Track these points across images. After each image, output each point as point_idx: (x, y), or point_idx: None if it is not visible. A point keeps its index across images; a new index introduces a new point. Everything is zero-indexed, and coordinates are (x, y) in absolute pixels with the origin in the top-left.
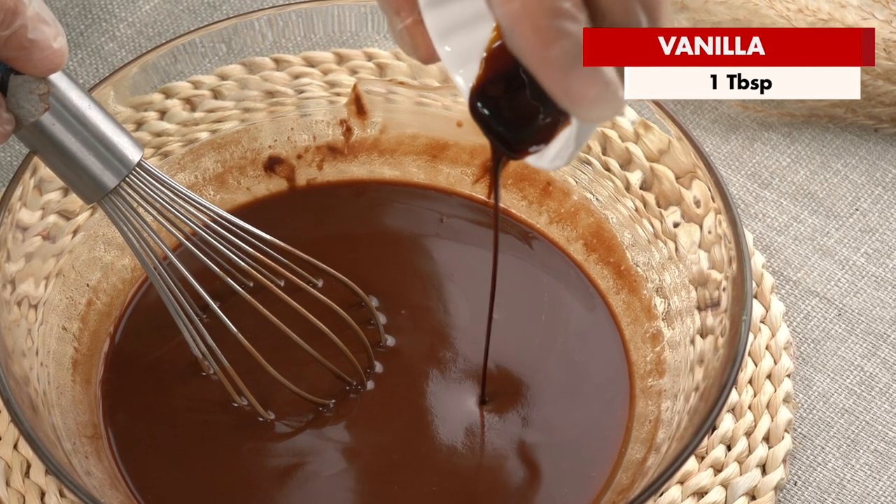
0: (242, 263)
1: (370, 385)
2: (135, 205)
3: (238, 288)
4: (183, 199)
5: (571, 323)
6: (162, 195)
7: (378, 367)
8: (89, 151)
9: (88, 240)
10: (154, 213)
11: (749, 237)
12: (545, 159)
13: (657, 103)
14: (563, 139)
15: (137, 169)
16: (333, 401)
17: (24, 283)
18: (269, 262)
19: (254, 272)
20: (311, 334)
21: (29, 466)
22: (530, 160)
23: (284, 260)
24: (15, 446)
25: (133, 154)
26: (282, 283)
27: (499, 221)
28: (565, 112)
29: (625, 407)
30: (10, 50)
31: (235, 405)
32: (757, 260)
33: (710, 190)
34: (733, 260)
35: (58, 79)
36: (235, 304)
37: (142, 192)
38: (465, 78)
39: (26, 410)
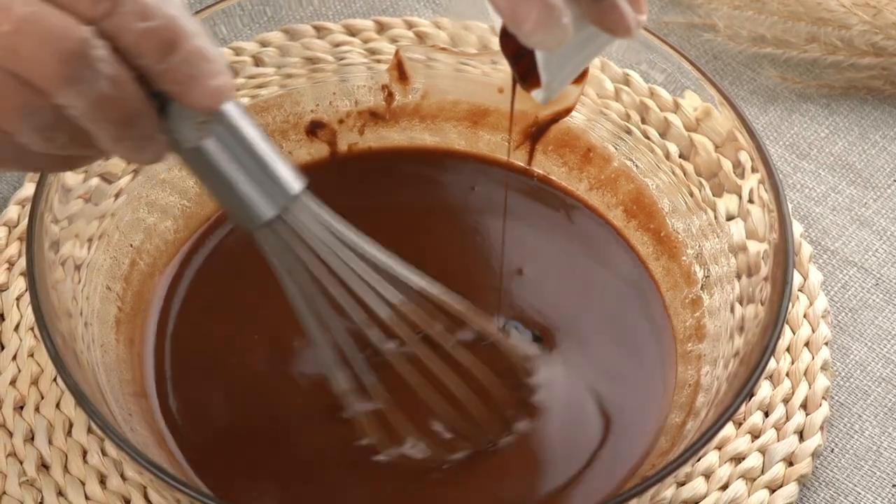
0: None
1: None
2: (290, 239)
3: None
4: (338, 239)
5: (612, 287)
6: (318, 231)
7: None
8: (248, 181)
9: (132, 202)
10: (307, 249)
11: (788, 207)
12: (538, 94)
13: (698, 68)
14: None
15: (298, 202)
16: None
17: (67, 244)
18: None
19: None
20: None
21: (71, 426)
22: (532, 93)
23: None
24: (57, 405)
25: (294, 187)
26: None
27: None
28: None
29: (667, 371)
30: (166, 84)
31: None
32: (795, 229)
33: (751, 156)
34: (775, 225)
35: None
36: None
37: (298, 226)
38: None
39: (73, 367)
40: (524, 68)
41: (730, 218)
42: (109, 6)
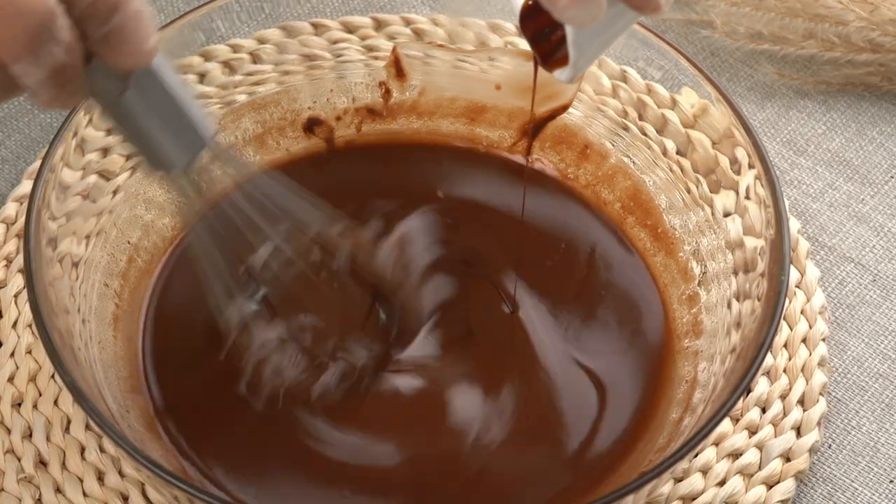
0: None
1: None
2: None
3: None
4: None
5: (608, 283)
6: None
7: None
8: (162, 130)
9: (129, 199)
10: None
11: (785, 203)
12: (563, 73)
13: (695, 65)
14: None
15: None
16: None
17: (65, 241)
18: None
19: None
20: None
21: (69, 422)
22: (556, 73)
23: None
24: (55, 402)
25: (206, 134)
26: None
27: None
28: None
29: (665, 367)
30: (101, 45)
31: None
32: (792, 226)
33: (748, 152)
34: (772, 221)
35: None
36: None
37: (209, 173)
38: None
39: (70, 363)
40: (544, 50)
41: (727, 214)
42: None
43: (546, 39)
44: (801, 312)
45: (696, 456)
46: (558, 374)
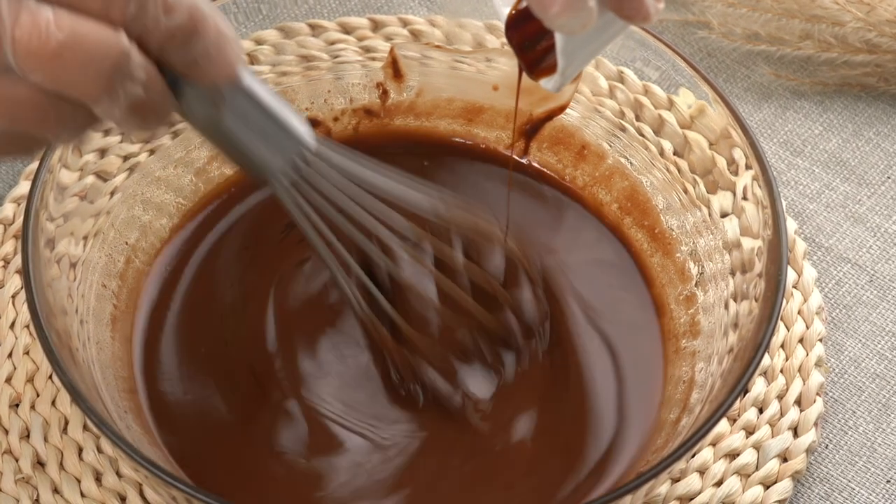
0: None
1: None
2: (304, 188)
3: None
4: (352, 182)
5: (606, 283)
6: (333, 178)
7: None
8: (260, 141)
9: (127, 200)
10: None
11: (782, 203)
12: (550, 81)
13: (692, 65)
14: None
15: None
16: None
17: (62, 242)
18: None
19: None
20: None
21: (67, 423)
22: (542, 82)
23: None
24: (53, 403)
25: (304, 139)
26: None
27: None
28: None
29: (662, 368)
30: (186, 69)
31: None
32: (789, 226)
33: (745, 152)
34: (769, 222)
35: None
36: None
37: (311, 175)
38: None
39: (68, 364)
40: (530, 59)
41: (724, 215)
42: (137, 6)
43: (532, 49)
44: (798, 313)
45: (693, 456)
46: (555, 375)
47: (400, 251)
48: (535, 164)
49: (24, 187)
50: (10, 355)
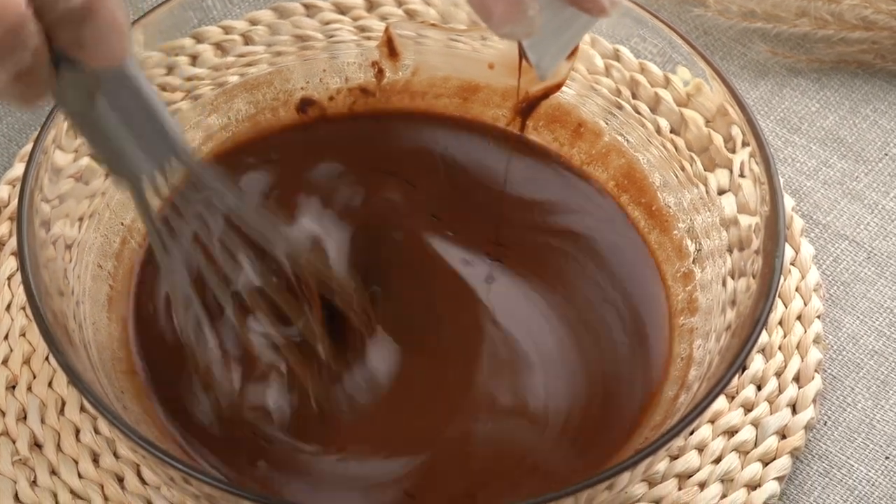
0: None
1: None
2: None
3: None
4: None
5: (604, 259)
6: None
7: None
8: (131, 137)
9: None
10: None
11: (779, 180)
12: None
13: (689, 42)
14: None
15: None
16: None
17: (58, 223)
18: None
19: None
20: None
21: (64, 404)
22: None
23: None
24: (49, 384)
25: (175, 143)
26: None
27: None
28: None
29: (660, 345)
30: (69, 47)
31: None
32: (787, 203)
33: (742, 129)
34: (766, 198)
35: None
36: None
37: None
38: None
39: (64, 345)
40: (519, 48)
41: (721, 192)
42: None
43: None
44: (796, 290)
45: (691, 433)
46: (550, 353)
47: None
48: (533, 140)
49: (18, 169)
50: (6, 337)
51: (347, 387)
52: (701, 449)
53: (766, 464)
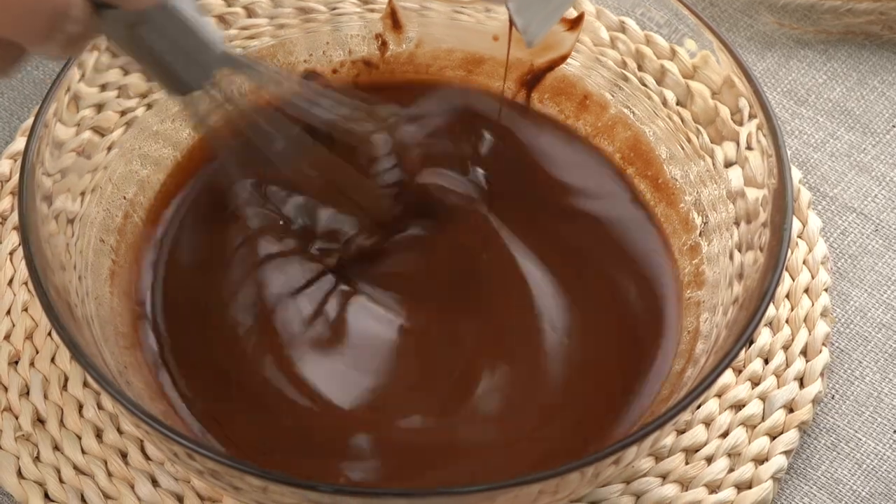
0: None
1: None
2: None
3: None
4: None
5: (610, 231)
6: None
7: None
8: (176, 57)
9: (124, 154)
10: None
11: (787, 152)
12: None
13: (696, 14)
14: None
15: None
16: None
17: (60, 198)
18: None
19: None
20: None
21: (67, 380)
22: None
23: None
24: (52, 360)
25: (217, 49)
26: None
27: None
28: None
29: (667, 318)
30: None
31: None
32: (794, 175)
33: (749, 101)
34: (774, 171)
35: None
36: None
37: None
38: None
39: (67, 319)
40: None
41: (728, 164)
42: None
43: None
44: (804, 263)
45: (698, 408)
46: (557, 325)
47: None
48: (539, 110)
49: (20, 143)
50: (8, 312)
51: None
52: (708, 423)
53: (773, 438)
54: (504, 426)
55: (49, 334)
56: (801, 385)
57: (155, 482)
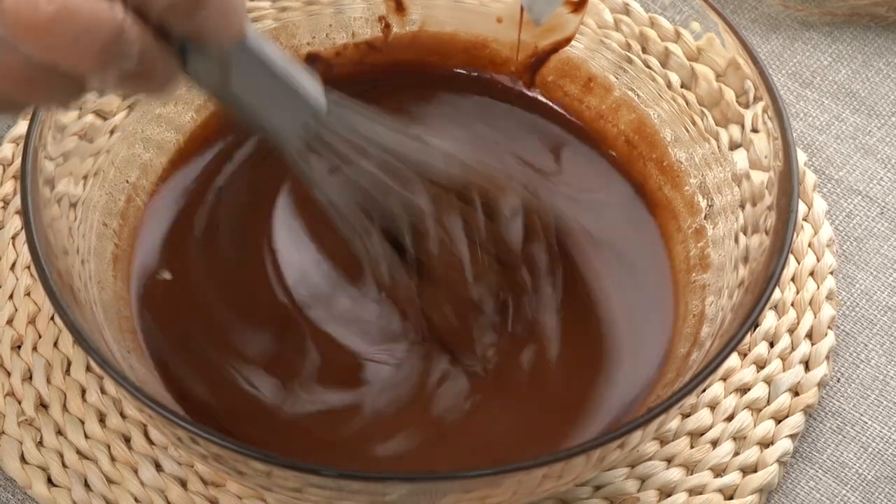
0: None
1: None
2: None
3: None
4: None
5: (615, 215)
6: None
7: None
8: (272, 102)
9: (127, 138)
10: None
11: (793, 134)
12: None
13: None
14: None
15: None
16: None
17: (62, 182)
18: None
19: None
20: None
21: (69, 364)
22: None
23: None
24: (55, 344)
25: (317, 100)
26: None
27: None
28: None
29: (672, 302)
30: (192, 35)
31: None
32: (799, 158)
33: (755, 83)
34: (779, 153)
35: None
36: None
37: (326, 136)
38: None
39: (70, 303)
40: None
41: (733, 147)
42: None
43: None
44: (809, 246)
45: (703, 391)
46: (564, 313)
47: (418, 207)
48: (541, 98)
49: (22, 127)
50: (11, 297)
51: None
52: (713, 406)
53: (778, 421)
54: (507, 410)
55: (52, 318)
56: (807, 368)
57: (158, 467)
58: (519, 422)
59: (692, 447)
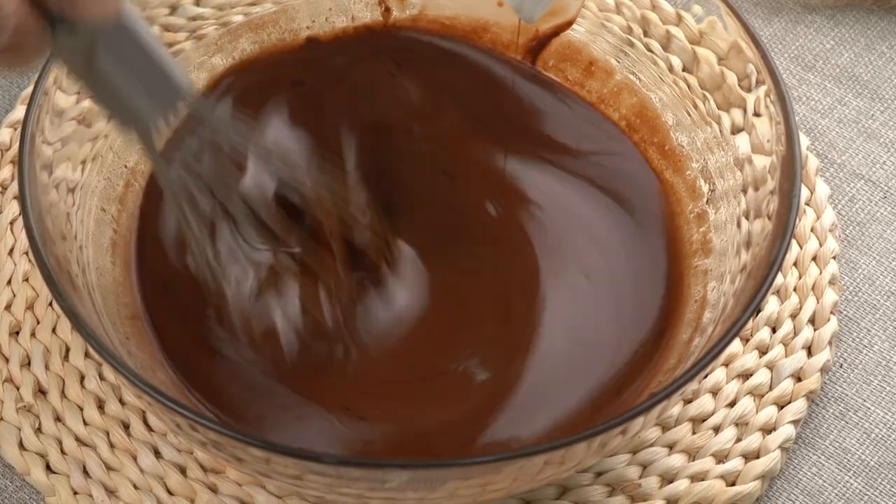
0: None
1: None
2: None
3: None
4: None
5: (617, 199)
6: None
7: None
8: (135, 87)
9: None
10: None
11: (795, 118)
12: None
13: None
14: None
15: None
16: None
17: (60, 167)
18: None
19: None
20: None
21: (68, 350)
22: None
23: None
24: (53, 330)
25: (182, 89)
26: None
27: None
28: None
29: (674, 287)
30: (62, 9)
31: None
32: (801, 142)
33: (757, 67)
34: (782, 137)
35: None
36: None
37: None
38: None
39: (68, 289)
40: None
41: (735, 131)
42: None
43: None
44: (811, 230)
45: (705, 377)
46: (564, 293)
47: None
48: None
49: (20, 112)
50: (9, 282)
51: (369, 322)
52: (715, 392)
53: (781, 407)
54: (509, 397)
55: (50, 304)
56: (809, 354)
57: (157, 453)
58: (519, 408)
59: (694, 433)
